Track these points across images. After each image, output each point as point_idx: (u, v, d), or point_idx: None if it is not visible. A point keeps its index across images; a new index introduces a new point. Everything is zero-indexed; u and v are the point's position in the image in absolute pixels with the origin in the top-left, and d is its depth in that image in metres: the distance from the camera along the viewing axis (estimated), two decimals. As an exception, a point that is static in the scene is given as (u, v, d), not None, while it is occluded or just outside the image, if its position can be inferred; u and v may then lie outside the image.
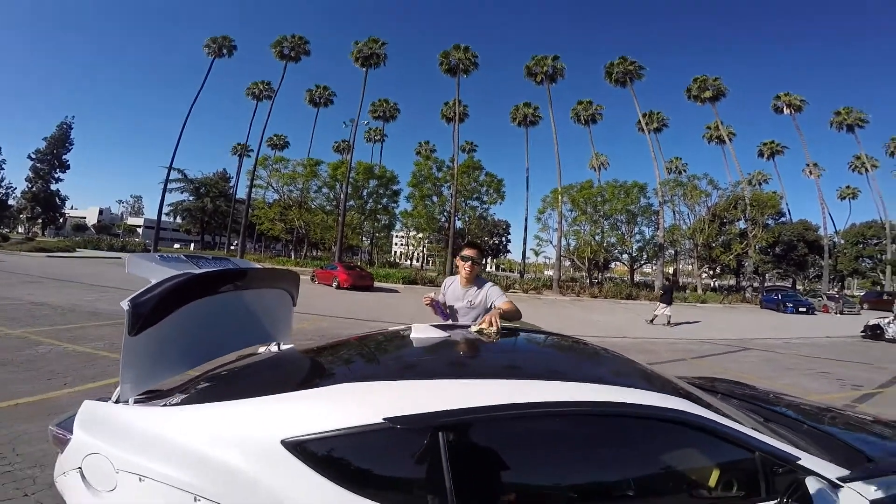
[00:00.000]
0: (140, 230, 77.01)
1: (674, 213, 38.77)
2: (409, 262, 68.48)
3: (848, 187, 55.61)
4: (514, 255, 76.50)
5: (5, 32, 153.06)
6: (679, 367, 7.67)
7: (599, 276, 38.53)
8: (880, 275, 43.33)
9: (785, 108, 40.85)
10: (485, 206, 39.00)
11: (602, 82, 38.98)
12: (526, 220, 42.56)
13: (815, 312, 24.64)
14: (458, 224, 36.51)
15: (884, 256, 42.17)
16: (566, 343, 2.30)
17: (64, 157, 54.99)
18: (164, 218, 40.88)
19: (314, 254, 47.47)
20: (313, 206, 41.36)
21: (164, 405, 1.51)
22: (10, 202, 57.20)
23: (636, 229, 36.31)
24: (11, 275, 14.60)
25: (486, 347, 2.09)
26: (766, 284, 38.61)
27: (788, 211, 44.17)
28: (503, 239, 63.85)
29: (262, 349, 2.46)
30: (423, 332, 1.98)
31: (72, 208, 75.07)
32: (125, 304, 1.43)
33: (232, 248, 49.43)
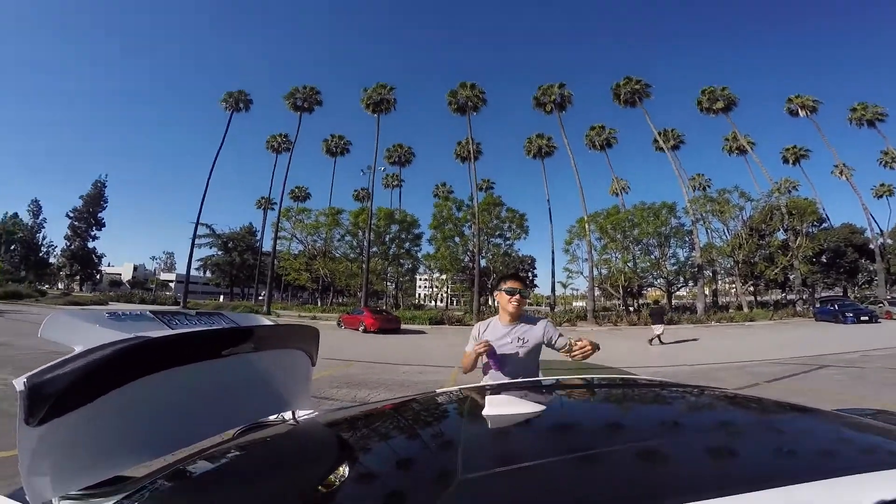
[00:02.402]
0: (172, 285, 78.99)
1: (707, 231, 37.27)
2: (434, 303, 67.85)
3: (882, 184, 52.43)
4: (541, 289, 75.19)
5: (48, 99, 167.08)
6: (757, 392, 6.66)
7: (635, 303, 36.90)
8: (942, 275, 39.96)
9: (799, 111, 39.56)
10: (508, 242, 38.53)
11: (611, 105, 38.96)
12: (553, 252, 41.58)
13: (879, 320, 22.49)
14: (483, 262, 35.88)
15: (942, 253, 39.04)
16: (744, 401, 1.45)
17: (99, 214, 58.27)
18: (194, 272, 41.99)
19: (339, 300, 47.47)
20: (337, 255, 41.71)
21: None
22: (51, 260, 60.48)
23: (670, 251, 35.01)
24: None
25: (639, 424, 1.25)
26: (815, 296, 36.01)
27: (827, 216, 41.93)
28: (529, 274, 62.77)
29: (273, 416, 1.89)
30: (505, 405, 1.23)
31: (108, 265, 78.54)
32: (20, 385, 0.92)
33: (260, 298, 49.98)
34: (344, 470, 1.05)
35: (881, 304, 25.55)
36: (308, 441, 1.43)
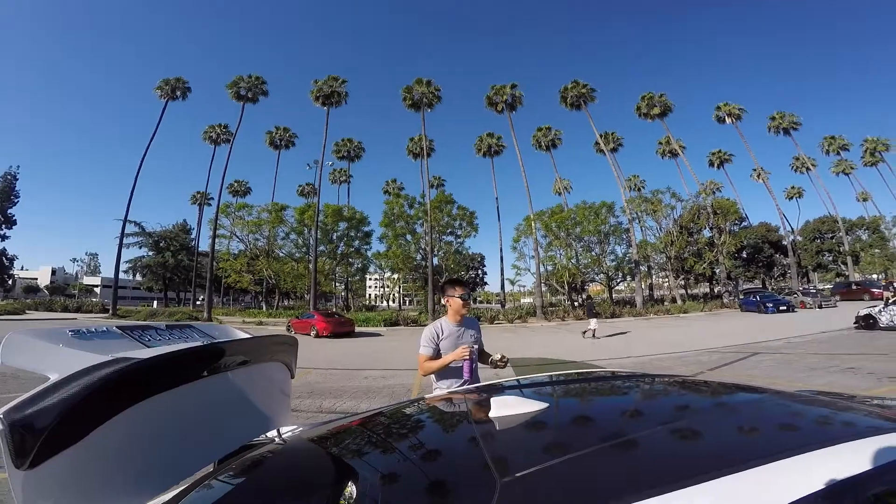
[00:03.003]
0: (98, 290, 72.38)
1: (642, 229, 40.03)
2: (385, 303, 67.07)
3: (793, 187, 59.43)
4: (491, 286, 76.62)
5: None
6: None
7: (579, 299, 38.55)
8: (842, 266, 45.40)
9: (727, 118, 43.31)
10: (459, 240, 38.75)
11: (558, 107, 40.63)
12: (501, 249, 42.66)
13: (795, 309, 25.06)
14: (435, 261, 35.92)
15: (842, 248, 44.31)
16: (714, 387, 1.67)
17: (9, 211, 51.74)
18: (122, 276, 38.39)
19: (286, 303, 45.61)
20: (281, 255, 39.95)
21: None
22: None
23: (609, 248, 37.03)
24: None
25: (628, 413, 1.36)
26: (739, 288, 39.57)
27: (747, 216, 46.19)
28: (479, 272, 63.72)
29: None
30: (510, 406, 1.24)
31: (22, 269, 70.48)
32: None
33: (198, 303, 46.89)
34: (368, 485, 1.00)
35: (795, 295, 28.47)
36: (316, 460, 1.35)
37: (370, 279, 67.59)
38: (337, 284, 44.09)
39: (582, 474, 0.84)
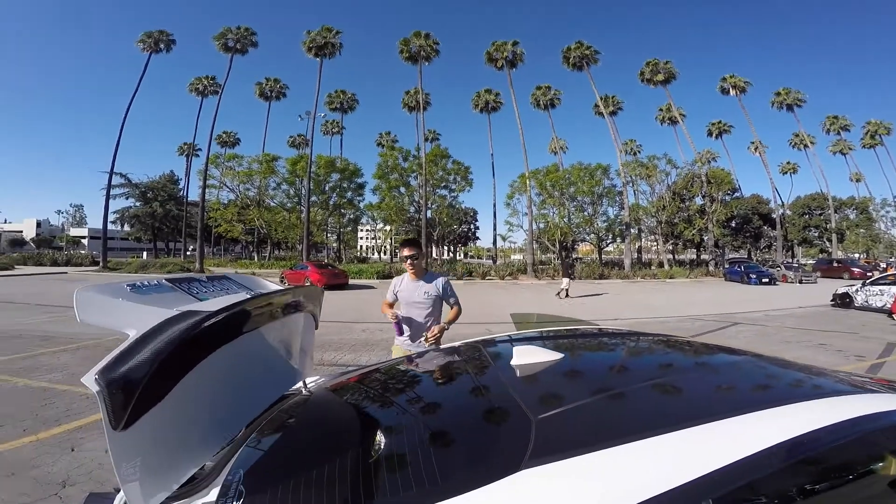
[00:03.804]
0: (85, 241, 71.43)
1: (635, 193, 40.22)
2: (377, 255, 67.44)
3: (788, 163, 59.85)
4: (483, 241, 77.21)
5: None
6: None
7: (569, 258, 39.17)
8: (827, 243, 46.53)
9: (731, 90, 42.72)
10: (453, 194, 38.72)
11: (560, 67, 39.51)
12: (494, 206, 42.59)
13: (777, 283, 25.81)
14: (428, 214, 35.92)
15: (829, 225, 45.24)
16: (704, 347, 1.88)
17: None
18: (110, 227, 37.73)
19: (277, 254, 45.63)
20: (273, 205, 39.55)
21: None
22: None
23: (602, 209, 37.32)
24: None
25: (639, 371, 1.55)
26: (725, 257, 40.45)
27: (740, 187, 46.48)
28: (471, 226, 63.89)
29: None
30: (531, 354, 1.35)
31: (5, 222, 69.05)
32: (93, 384, 0.84)
33: (189, 253, 46.70)
34: (418, 423, 1.22)
35: (778, 268, 29.21)
36: (348, 408, 1.48)
37: (362, 230, 67.46)
38: (329, 235, 44.06)
39: (601, 415, 1.05)
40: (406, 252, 3.20)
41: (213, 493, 1.02)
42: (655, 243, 43.28)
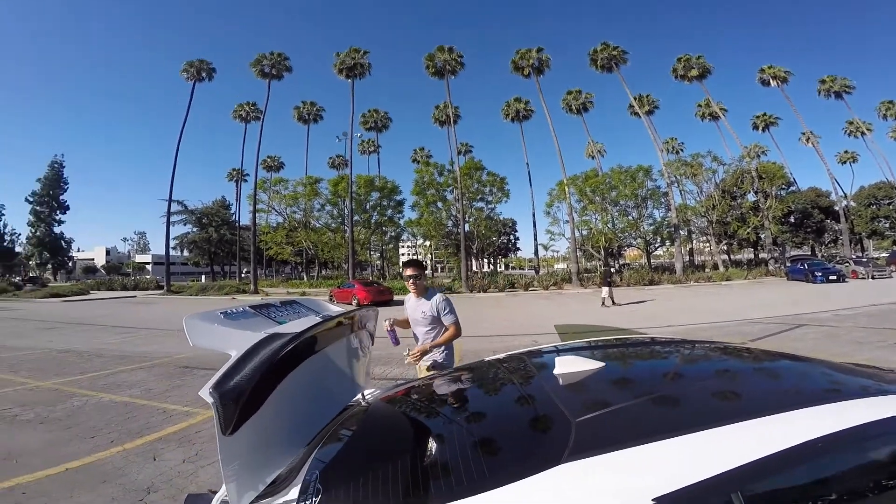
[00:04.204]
0: (149, 267, 76.67)
1: (681, 193, 38.73)
2: (418, 270, 68.01)
3: (846, 152, 55.28)
4: (524, 252, 76.50)
5: None
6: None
7: (615, 264, 38.09)
8: (900, 234, 42.63)
9: (771, 81, 40.84)
10: (490, 206, 38.76)
11: (588, 70, 39.13)
12: (533, 215, 42.39)
13: (846, 279, 23.93)
14: (466, 227, 36.12)
15: (901, 215, 41.48)
16: (745, 352, 1.89)
17: (61, 197, 55.12)
18: (171, 252, 40.55)
19: (324, 273, 47.21)
20: (318, 226, 41.08)
21: None
22: (17, 249, 57.47)
23: (647, 212, 36.17)
24: (29, 322, 14.34)
25: (673, 378, 1.63)
26: (787, 254, 37.94)
27: (795, 180, 43.71)
28: (511, 237, 63.42)
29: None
30: (572, 364, 1.47)
31: (78, 250, 75.20)
32: (208, 396, 1.01)
33: (243, 275, 49.17)
34: (454, 433, 1.35)
35: (847, 263, 27.07)
36: (403, 417, 1.65)
37: (403, 247, 68.60)
38: (372, 253, 45.12)
39: (633, 417, 1.15)
40: (408, 272, 3.34)
41: (293, 492, 1.16)
42: (708, 244, 41.30)
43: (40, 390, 5.76)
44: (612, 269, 33.56)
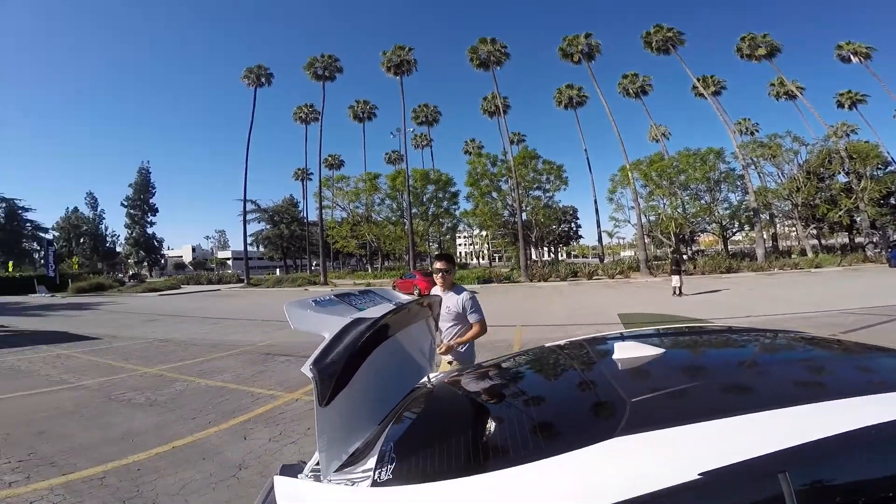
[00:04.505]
0: (230, 262, 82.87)
1: (760, 175, 35.72)
2: (476, 260, 68.44)
3: None
4: (587, 239, 74.07)
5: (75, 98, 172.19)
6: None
7: (688, 251, 35.90)
8: None
9: (852, 57, 36.61)
10: (548, 194, 38.04)
11: (642, 53, 37.62)
12: (595, 202, 40.70)
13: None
14: (524, 216, 35.65)
15: None
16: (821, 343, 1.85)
17: (150, 200, 61.56)
18: (248, 248, 43.89)
19: (386, 264, 48.85)
20: (379, 219, 42.52)
21: (373, 482, 1.23)
22: (117, 248, 65.11)
23: (721, 196, 33.61)
24: (134, 315, 16.24)
25: (748, 365, 1.65)
26: (889, 239, 33.61)
27: (894, 160, 38.61)
28: (572, 225, 61.62)
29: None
30: (631, 350, 1.55)
31: (168, 248, 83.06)
32: (309, 371, 1.18)
33: (313, 268, 52.13)
34: (528, 405, 1.51)
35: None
36: (469, 399, 1.81)
37: (459, 237, 69.08)
38: (430, 244, 45.97)
39: (686, 399, 1.23)
40: (438, 265, 3.34)
41: (370, 463, 1.33)
42: (794, 229, 37.67)
43: (148, 376, 6.57)
44: (685, 256, 31.69)
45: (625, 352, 1.53)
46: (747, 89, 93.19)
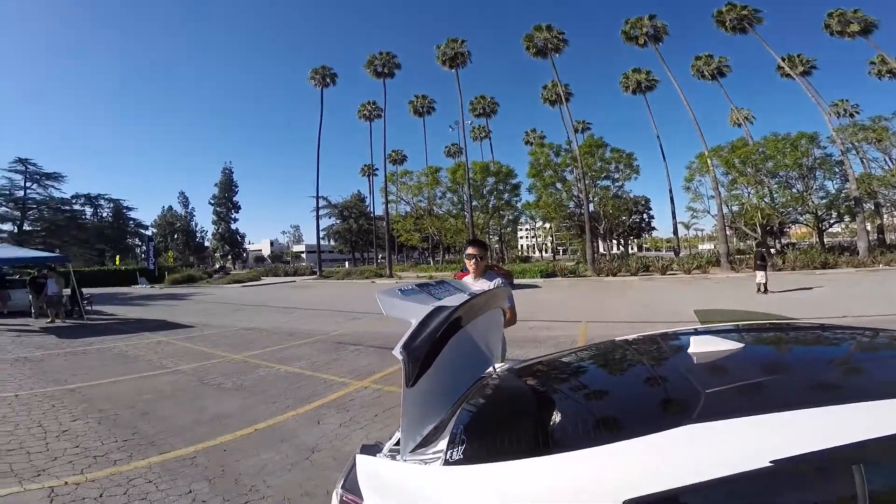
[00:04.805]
0: (304, 255, 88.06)
1: (862, 162, 31.50)
2: (539, 253, 67.17)
3: None
4: (661, 231, 70.06)
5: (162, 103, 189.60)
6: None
7: (776, 244, 32.69)
8: None
9: None
10: (618, 183, 36.30)
11: (715, 33, 34.08)
12: (670, 191, 38.12)
13: None
14: (591, 207, 34.30)
15: None
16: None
17: (234, 198, 66.97)
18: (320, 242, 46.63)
19: (447, 257, 49.46)
20: (440, 213, 43.06)
21: (445, 461, 1.29)
22: (205, 243, 71.72)
23: (815, 184, 30.07)
24: (222, 305, 17.81)
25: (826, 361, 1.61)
26: None
27: None
28: (643, 216, 58.41)
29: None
30: (708, 344, 1.52)
31: (249, 243, 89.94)
32: (399, 354, 1.28)
33: (379, 261, 54.15)
34: (603, 394, 1.55)
35: None
36: (542, 389, 1.86)
37: (521, 230, 68.08)
38: (490, 237, 45.80)
39: (761, 391, 1.26)
40: (471, 251, 3.27)
41: (442, 444, 1.39)
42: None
43: (235, 362, 7.18)
44: (772, 250, 28.91)
45: (701, 346, 1.52)
46: (842, 68, 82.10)
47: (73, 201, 43.74)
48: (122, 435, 4.07)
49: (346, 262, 61.85)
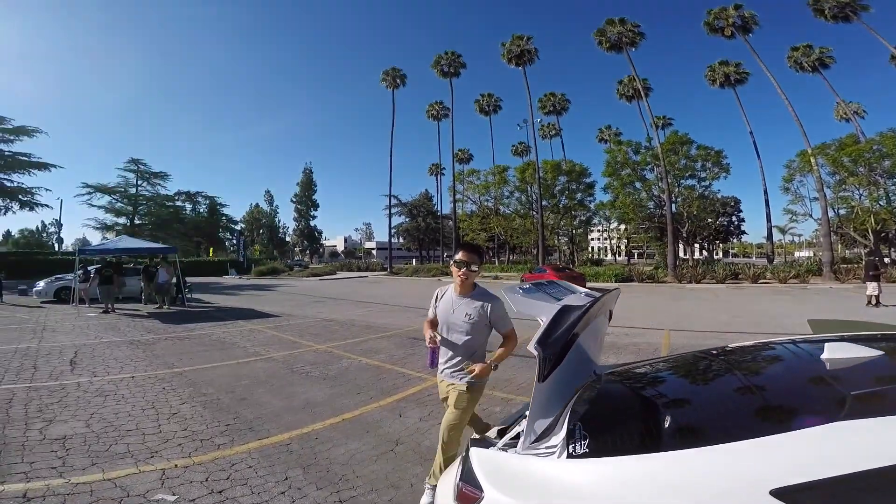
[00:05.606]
0: (374, 252, 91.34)
1: None
2: (612, 256, 64.17)
3: None
4: (752, 236, 64.09)
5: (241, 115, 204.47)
6: None
7: (891, 253, 28.61)
8: None
9: None
10: (704, 183, 33.71)
11: (812, 22, 30.94)
12: (765, 192, 34.75)
13: None
14: (673, 208, 32.14)
15: None
16: None
17: (313, 197, 71.09)
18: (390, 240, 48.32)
19: (513, 258, 48.89)
20: (507, 212, 42.61)
21: (568, 455, 1.30)
22: (287, 239, 76.92)
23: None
24: (303, 296, 18.98)
25: None
26: None
27: None
28: (732, 218, 53.65)
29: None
30: (844, 351, 1.48)
31: (325, 239, 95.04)
32: (534, 350, 1.33)
33: (445, 259, 54.90)
34: (734, 394, 1.56)
35: None
36: (652, 392, 1.84)
37: (593, 231, 65.50)
38: (560, 238, 44.56)
39: None
40: (460, 257, 2.49)
41: (554, 440, 1.41)
42: None
43: (320, 352, 7.55)
44: (886, 259, 25.32)
45: (837, 352, 1.49)
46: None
47: (176, 198, 48.60)
48: (224, 419, 4.26)
49: (414, 260, 63.31)
